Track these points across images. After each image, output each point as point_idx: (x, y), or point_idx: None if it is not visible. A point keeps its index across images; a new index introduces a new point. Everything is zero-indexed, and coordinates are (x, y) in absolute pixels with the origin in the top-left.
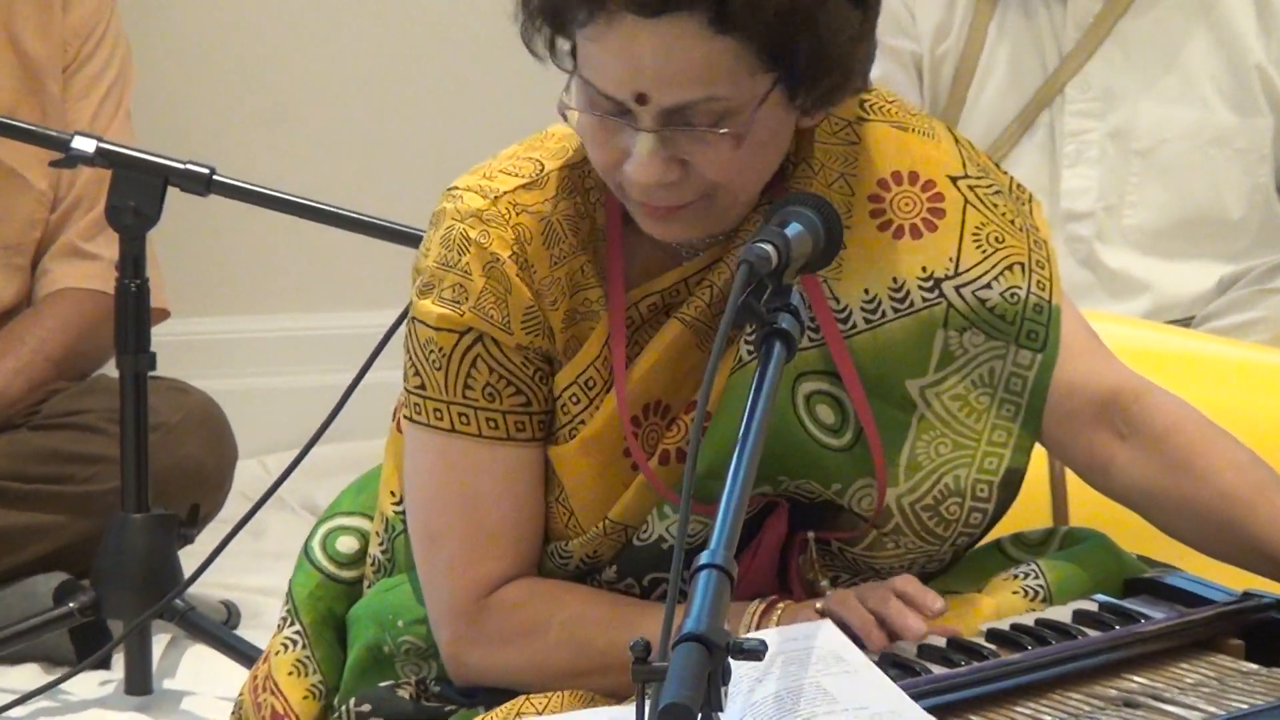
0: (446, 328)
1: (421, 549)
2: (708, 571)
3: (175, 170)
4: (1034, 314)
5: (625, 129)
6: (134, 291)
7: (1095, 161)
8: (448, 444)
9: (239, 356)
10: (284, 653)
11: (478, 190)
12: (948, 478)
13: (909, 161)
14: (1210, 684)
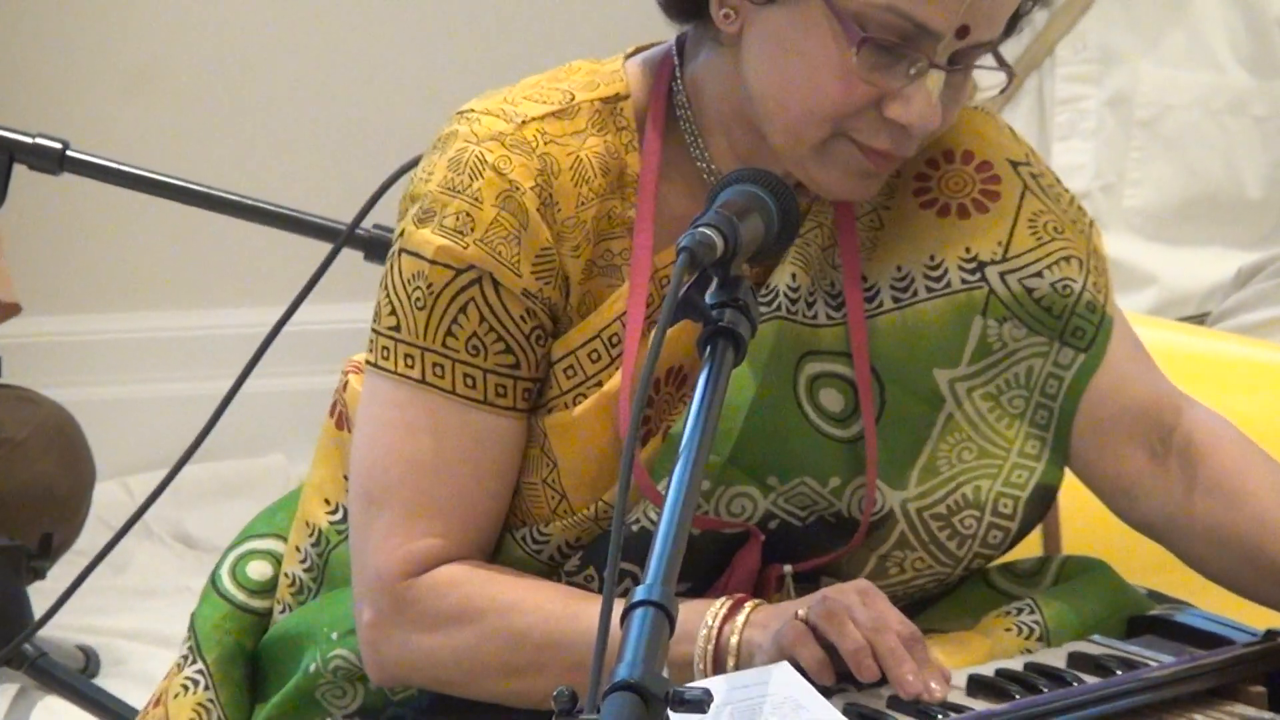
0: (444, 261)
1: (358, 513)
2: (643, 609)
3: (23, 145)
4: (1086, 311)
5: (900, 67)
6: None
7: (1091, 133)
8: (413, 396)
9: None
10: (184, 695)
11: (499, 114)
12: (967, 487)
13: (966, 140)
14: None
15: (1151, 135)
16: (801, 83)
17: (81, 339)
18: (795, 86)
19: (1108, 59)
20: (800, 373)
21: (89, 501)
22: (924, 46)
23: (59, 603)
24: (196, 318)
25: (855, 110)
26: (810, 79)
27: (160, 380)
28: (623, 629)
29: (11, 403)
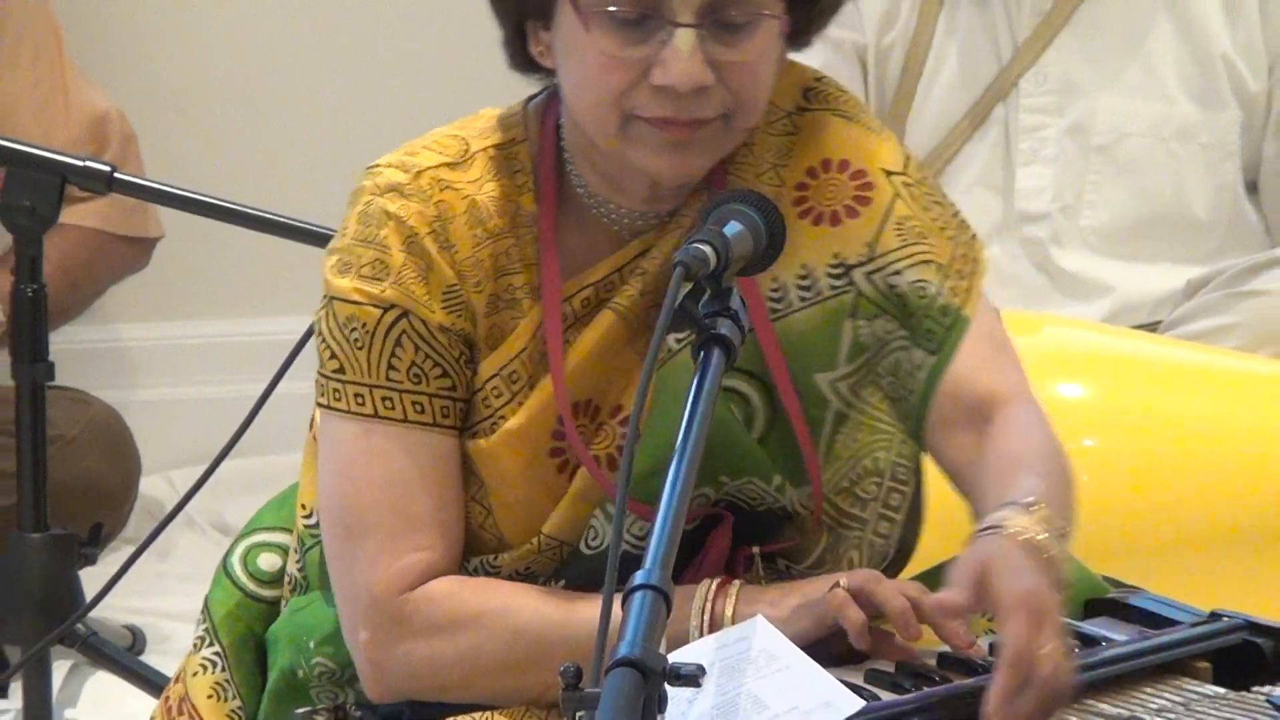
0: (368, 303)
1: (337, 545)
2: (642, 593)
3: (74, 167)
4: (938, 315)
5: (654, 36)
6: (30, 297)
7: (1051, 160)
8: (368, 429)
9: (142, 366)
10: (202, 674)
11: (399, 165)
12: (866, 460)
13: (844, 150)
14: (1176, 709)
15: (1107, 161)
16: (580, 81)
17: (128, 345)
18: (579, 87)
19: (1067, 91)
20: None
21: (135, 494)
22: (660, 10)
23: (108, 586)
24: (232, 326)
25: (626, 88)
26: (584, 75)
27: (200, 383)
28: (623, 610)
29: (64, 403)
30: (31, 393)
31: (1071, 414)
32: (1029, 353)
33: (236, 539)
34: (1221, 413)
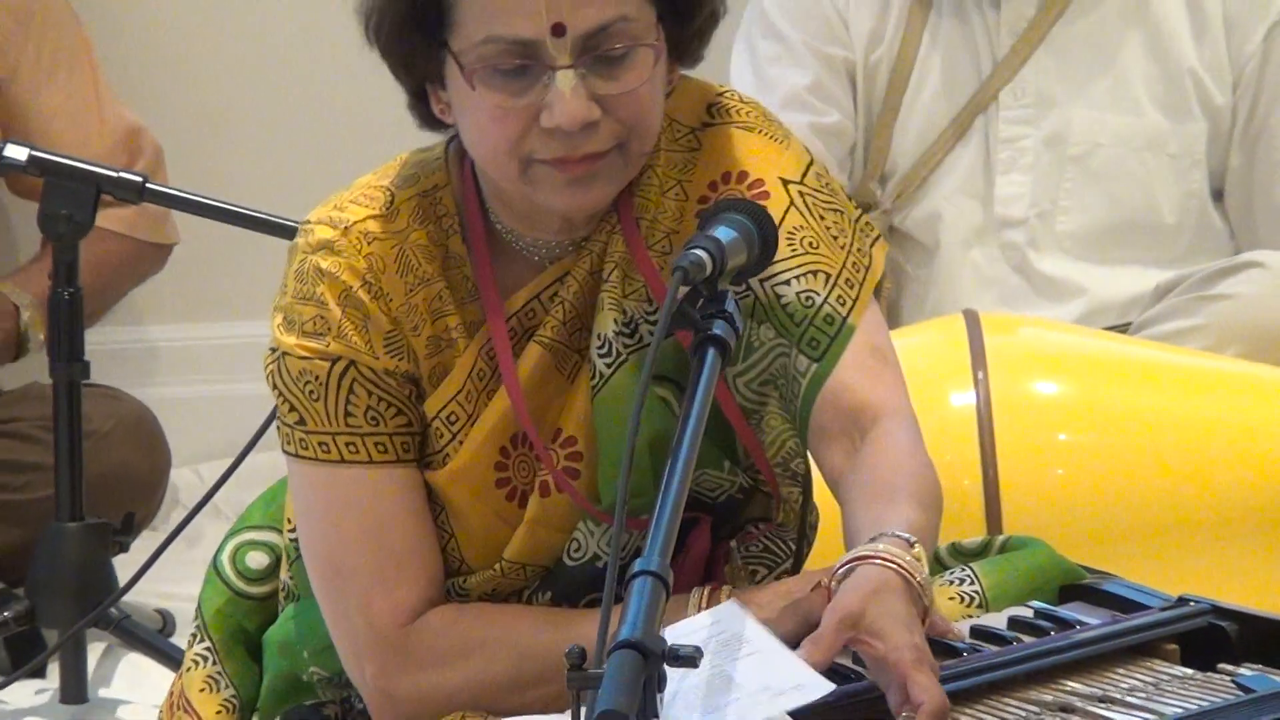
0: (316, 356)
1: (328, 588)
2: (643, 578)
3: (108, 178)
4: (823, 323)
5: (536, 83)
6: (66, 300)
7: (1029, 168)
8: (338, 475)
9: (173, 365)
10: (195, 669)
11: (328, 221)
12: (789, 442)
13: (743, 161)
14: (1146, 689)
15: (1081, 169)
16: (477, 134)
17: (158, 346)
18: (476, 140)
19: (1043, 104)
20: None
21: (165, 485)
22: (539, 57)
23: (140, 572)
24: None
25: (520, 135)
26: (479, 129)
27: (226, 381)
28: (625, 595)
29: (99, 400)
30: (68, 390)
31: (1046, 410)
32: (1008, 352)
33: (226, 537)
34: (1189, 410)
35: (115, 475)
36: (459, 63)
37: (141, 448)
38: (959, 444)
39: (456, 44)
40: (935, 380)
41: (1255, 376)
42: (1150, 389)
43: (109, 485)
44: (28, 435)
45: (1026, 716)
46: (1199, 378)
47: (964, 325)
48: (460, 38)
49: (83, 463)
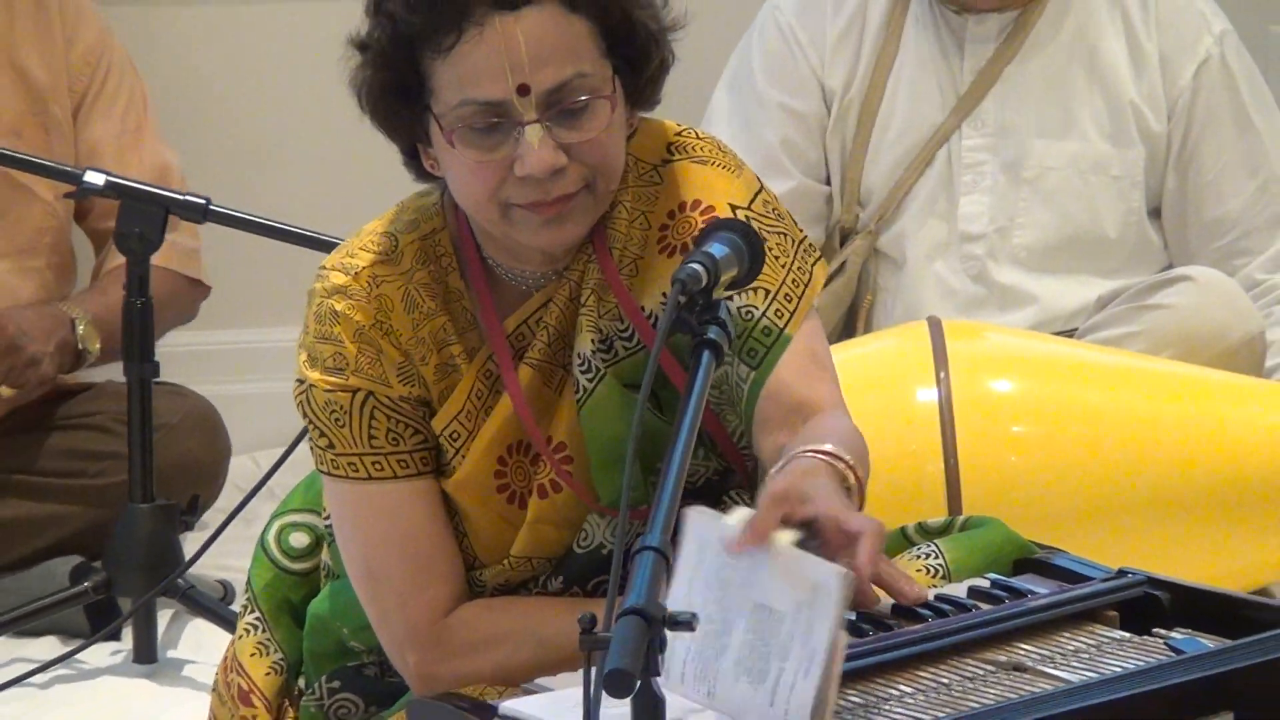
0: (338, 389)
1: (367, 589)
2: (646, 553)
3: (175, 201)
4: (761, 334)
5: (508, 137)
6: (139, 308)
7: (988, 189)
8: (367, 491)
9: (232, 364)
10: (246, 637)
11: (340, 268)
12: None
13: (697, 191)
14: (1089, 650)
15: (1034, 190)
16: (460, 185)
17: (220, 348)
18: (460, 190)
19: (1001, 133)
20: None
21: (226, 470)
22: (508, 114)
23: (204, 548)
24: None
25: (497, 185)
26: (461, 180)
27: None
28: (631, 568)
29: (167, 396)
30: (140, 387)
31: (1001, 405)
32: (971, 355)
33: (271, 519)
34: (1128, 405)
35: (182, 462)
36: (439, 124)
37: (204, 438)
38: (923, 435)
39: (437, 108)
40: (902, 379)
41: (1186, 376)
42: (1094, 387)
43: (176, 471)
44: (105, 427)
45: (984, 675)
46: (1137, 377)
47: (928, 331)
48: (439, 102)
49: (153, 451)
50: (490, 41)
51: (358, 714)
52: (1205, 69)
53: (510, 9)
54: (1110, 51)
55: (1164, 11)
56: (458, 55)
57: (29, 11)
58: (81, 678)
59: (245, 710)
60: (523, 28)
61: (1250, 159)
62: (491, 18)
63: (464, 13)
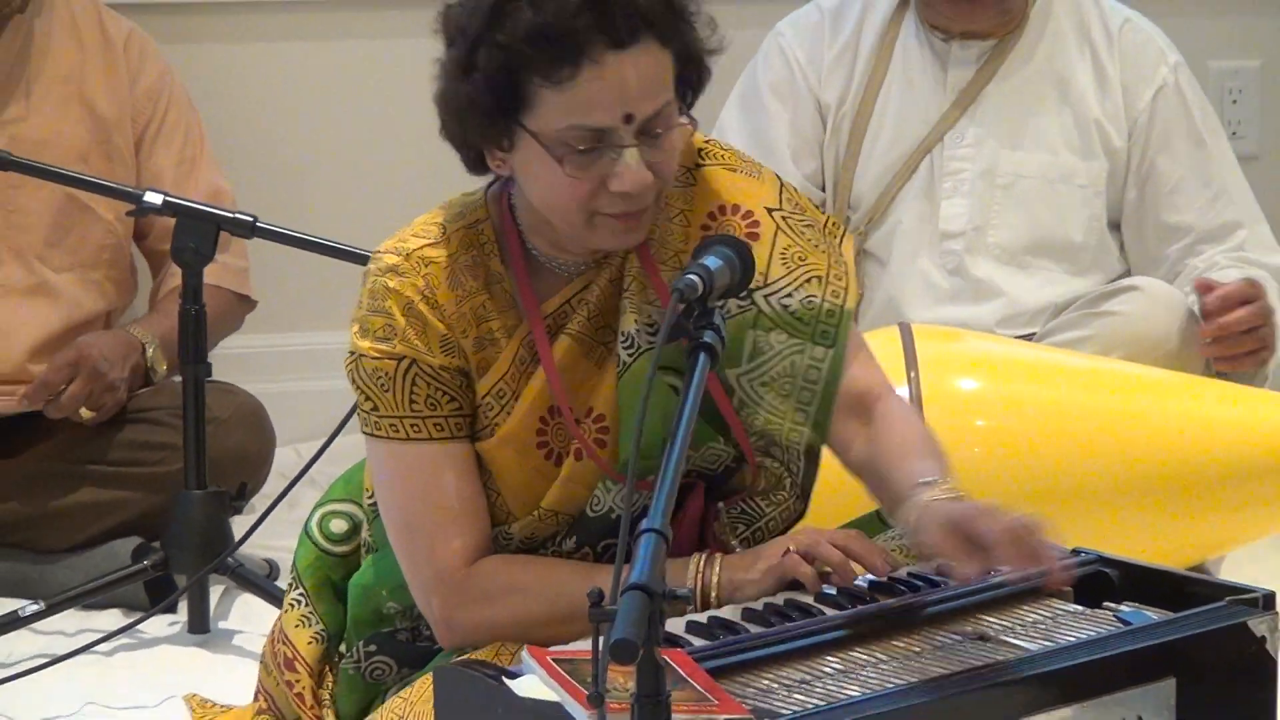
0: (385, 357)
1: (401, 540)
2: (649, 535)
3: (225, 218)
4: (827, 317)
5: (604, 156)
6: (194, 315)
7: (967, 194)
8: (406, 450)
9: (277, 365)
10: (292, 610)
11: (393, 250)
12: (771, 435)
13: (734, 196)
14: (1046, 622)
15: (1007, 195)
16: (549, 195)
17: (266, 350)
18: (547, 198)
19: (979, 145)
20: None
21: (271, 461)
22: (610, 138)
23: (251, 530)
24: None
25: (590, 197)
26: (552, 191)
27: (317, 379)
28: (633, 548)
29: (219, 393)
30: (194, 386)
31: (966, 402)
32: (938, 356)
33: (314, 508)
34: (1082, 401)
35: (231, 453)
36: (539, 140)
37: (252, 431)
38: None
39: (534, 125)
40: None
41: (1132, 375)
42: (1049, 385)
43: (226, 461)
44: (163, 421)
45: (951, 644)
46: (1088, 376)
47: (899, 334)
48: (539, 121)
49: (206, 443)
50: (605, 78)
51: (391, 675)
52: (1162, 93)
53: (622, 48)
54: (1078, 75)
55: (1126, 44)
56: (572, 87)
57: (98, 51)
58: (142, 646)
59: (290, 675)
60: (632, 64)
61: (1202, 173)
62: (606, 56)
63: (582, 51)
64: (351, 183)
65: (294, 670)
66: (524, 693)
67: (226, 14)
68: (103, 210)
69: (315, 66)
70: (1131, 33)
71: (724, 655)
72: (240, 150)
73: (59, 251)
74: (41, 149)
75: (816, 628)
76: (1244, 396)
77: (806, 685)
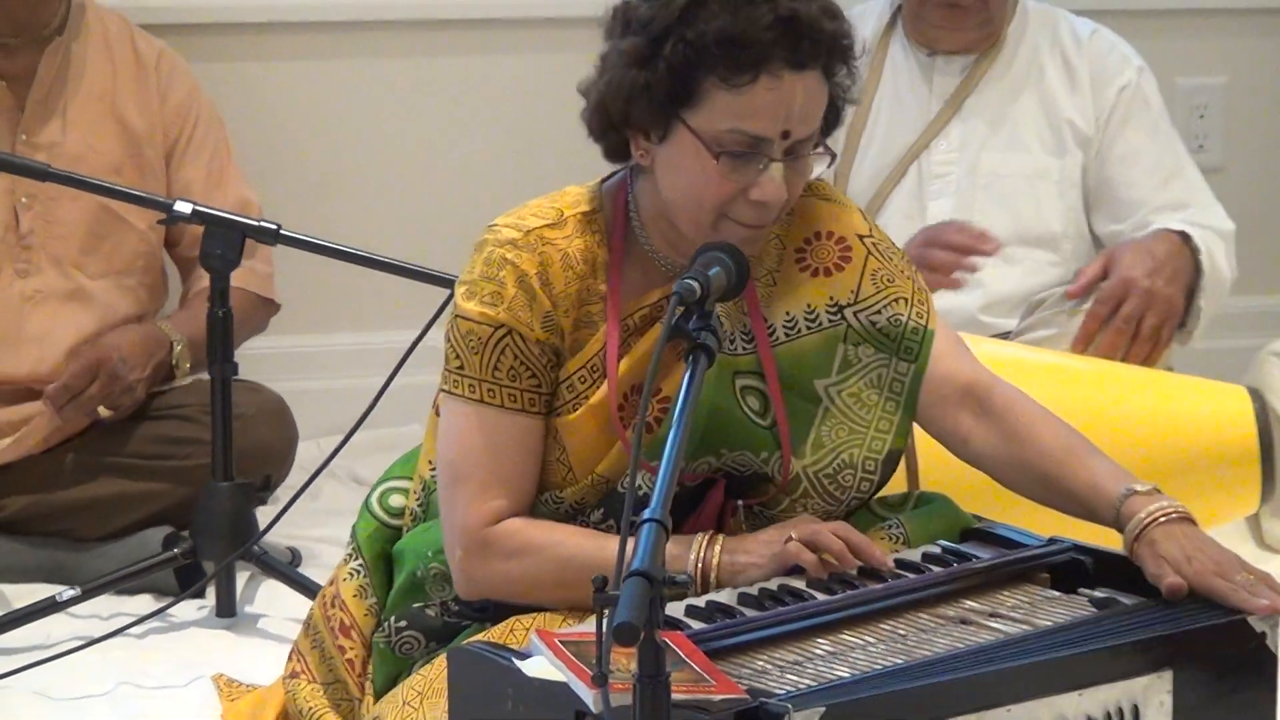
0: (485, 322)
1: (447, 488)
2: (649, 524)
3: (251, 226)
4: (911, 335)
5: (750, 165)
6: (220, 317)
7: (953, 193)
8: (478, 410)
9: (299, 365)
10: (351, 580)
11: (513, 226)
12: (844, 454)
13: (828, 224)
14: (1024, 606)
15: (988, 193)
16: (689, 189)
17: (290, 350)
18: (687, 192)
19: (963, 148)
20: (735, 385)
21: (294, 454)
22: (763, 149)
23: (275, 519)
24: (364, 337)
25: (729, 200)
26: (694, 186)
27: (339, 377)
28: (634, 537)
29: (245, 391)
30: (222, 384)
31: None
32: None
33: (374, 485)
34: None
35: (256, 447)
36: (698, 136)
37: (276, 427)
38: None
39: (696, 121)
40: None
41: (1102, 371)
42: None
43: (252, 454)
44: (192, 418)
45: (936, 627)
46: (1062, 372)
47: None
48: (702, 118)
49: (232, 438)
50: (779, 91)
51: (419, 649)
52: (1126, 90)
53: (798, 70)
54: (1050, 80)
55: (1094, 50)
56: (747, 93)
57: (130, 70)
58: (172, 629)
59: (344, 641)
60: (803, 86)
61: (1157, 157)
62: (784, 73)
63: (764, 63)
64: (372, 193)
65: (349, 637)
66: (532, 673)
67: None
68: (135, 220)
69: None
70: (1100, 40)
71: (721, 638)
72: (271, 163)
73: (94, 259)
74: (78, 163)
75: (808, 612)
76: (1205, 390)
77: (799, 666)
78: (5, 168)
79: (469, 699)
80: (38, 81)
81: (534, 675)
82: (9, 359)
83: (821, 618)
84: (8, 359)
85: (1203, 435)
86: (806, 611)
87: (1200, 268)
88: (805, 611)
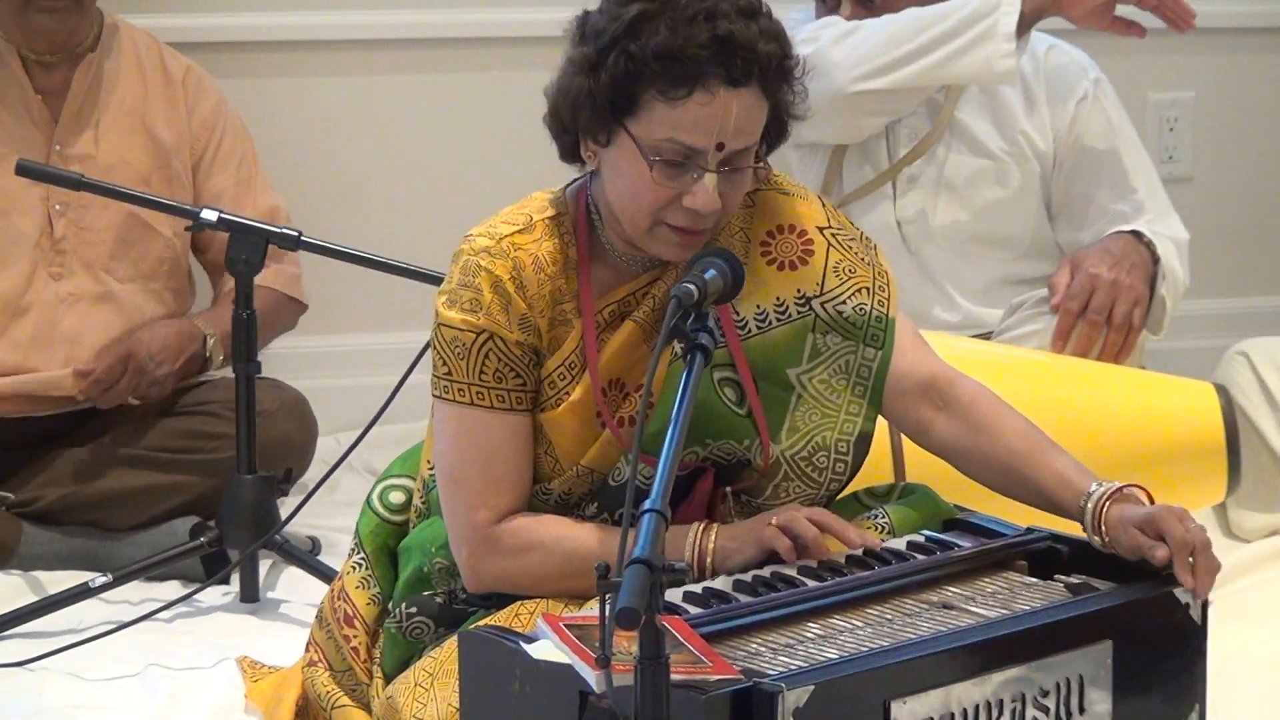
0: (468, 328)
1: (447, 491)
2: (650, 514)
3: (273, 233)
4: (875, 323)
5: (686, 174)
6: (245, 318)
7: (919, 192)
8: (468, 414)
9: (320, 363)
10: (353, 573)
11: (485, 234)
12: (817, 438)
13: (789, 217)
14: (1003, 592)
15: (951, 193)
16: (628, 192)
17: (311, 350)
18: (626, 195)
19: (930, 158)
20: (714, 378)
21: (314, 448)
22: (696, 159)
23: (296, 510)
24: (379, 337)
25: (663, 206)
26: (632, 189)
27: (358, 376)
28: (635, 527)
29: (267, 388)
30: (246, 381)
31: None
32: None
33: (375, 483)
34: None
35: (278, 441)
36: (637, 143)
37: (297, 422)
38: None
39: (637, 130)
40: None
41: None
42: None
43: (274, 449)
44: (217, 413)
45: (919, 611)
46: (1041, 368)
47: None
48: (643, 127)
49: (255, 432)
50: (713, 107)
51: (429, 634)
52: (1083, 102)
53: (735, 87)
54: (1008, 95)
55: (1050, 66)
56: (682, 106)
57: (159, 85)
58: (198, 614)
59: (348, 630)
60: (738, 103)
61: (1114, 167)
62: (720, 89)
63: (699, 79)
64: (391, 201)
65: (352, 626)
66: (538, 655)
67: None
68: (162, 227)
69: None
70: (1055, 55)
71: (717, 622)
72: (293, 173)
73: (123, 264)
74: (109, 173)
75: (799, 597)
76: (1175, 387)
77: (790, 648)
78: (41, 177)
79: (478, 680)
80: (71, 96)
81: (540, 657)
82: (43, 357)
83: (812, 603)
84: (41, 357)
85: (1172, 429)
86: (798, 597)
87: (1157, 258)
88: (796, 597)
